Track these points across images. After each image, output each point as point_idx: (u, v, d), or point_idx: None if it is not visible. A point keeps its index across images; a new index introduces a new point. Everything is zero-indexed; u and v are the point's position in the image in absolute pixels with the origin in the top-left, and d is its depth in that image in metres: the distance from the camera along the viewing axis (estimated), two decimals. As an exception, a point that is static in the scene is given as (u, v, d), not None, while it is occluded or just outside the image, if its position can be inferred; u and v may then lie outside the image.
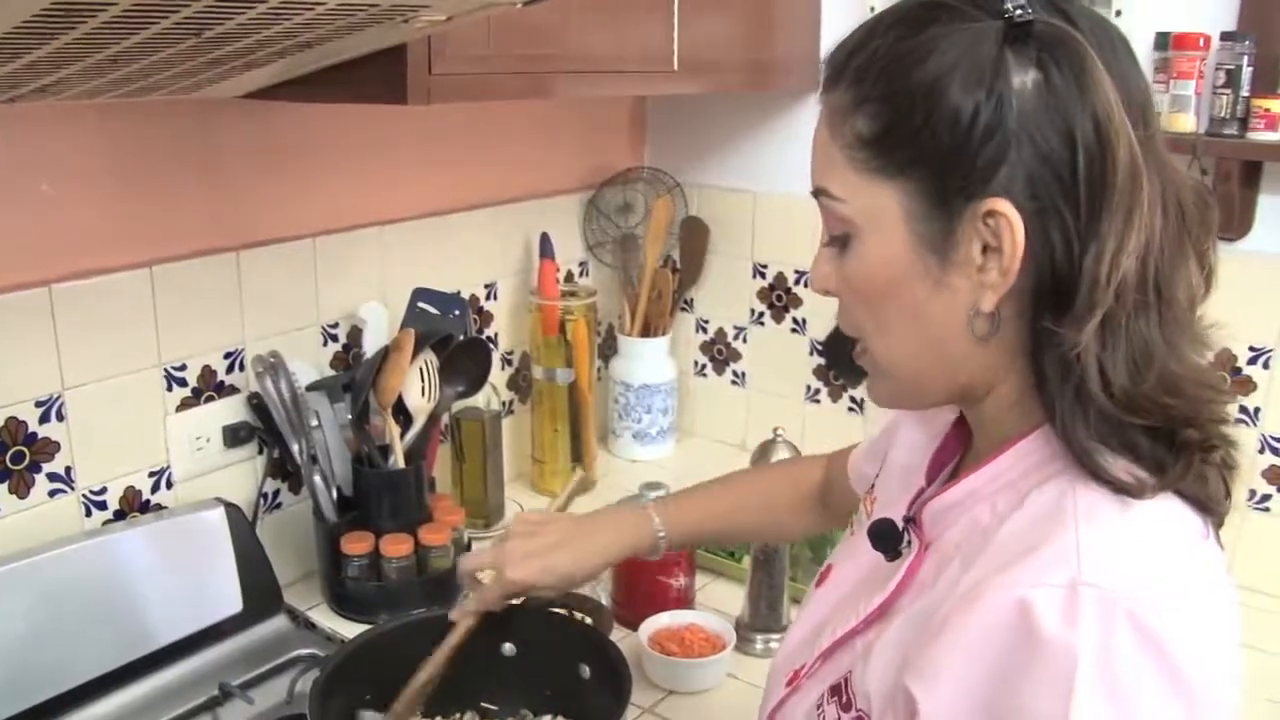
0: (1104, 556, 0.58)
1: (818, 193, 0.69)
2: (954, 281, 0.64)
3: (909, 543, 0.73)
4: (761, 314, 1.89)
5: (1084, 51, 0.59)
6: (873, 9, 1.63)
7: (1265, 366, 1.43)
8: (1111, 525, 0.60)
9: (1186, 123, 1.37)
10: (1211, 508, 0.64)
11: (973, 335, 0.64)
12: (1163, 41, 1.39)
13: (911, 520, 0.73)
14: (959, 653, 0.59)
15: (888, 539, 0.74)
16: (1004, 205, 0.60)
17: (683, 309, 1.96)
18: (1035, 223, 0.60)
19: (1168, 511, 0.62)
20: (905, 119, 0.62)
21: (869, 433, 1.78)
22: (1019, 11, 0.60)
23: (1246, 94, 1.34)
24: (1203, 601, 0.60)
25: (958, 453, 0.77)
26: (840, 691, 0.72)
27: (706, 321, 1.96)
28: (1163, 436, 0.62)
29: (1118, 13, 1.42)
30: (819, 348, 1.83)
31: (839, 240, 0.68)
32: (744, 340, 1.92)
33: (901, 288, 0.65)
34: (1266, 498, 1.46)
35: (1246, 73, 1.34)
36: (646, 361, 1.86)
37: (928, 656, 0.61)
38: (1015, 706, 0.57)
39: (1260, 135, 1.33)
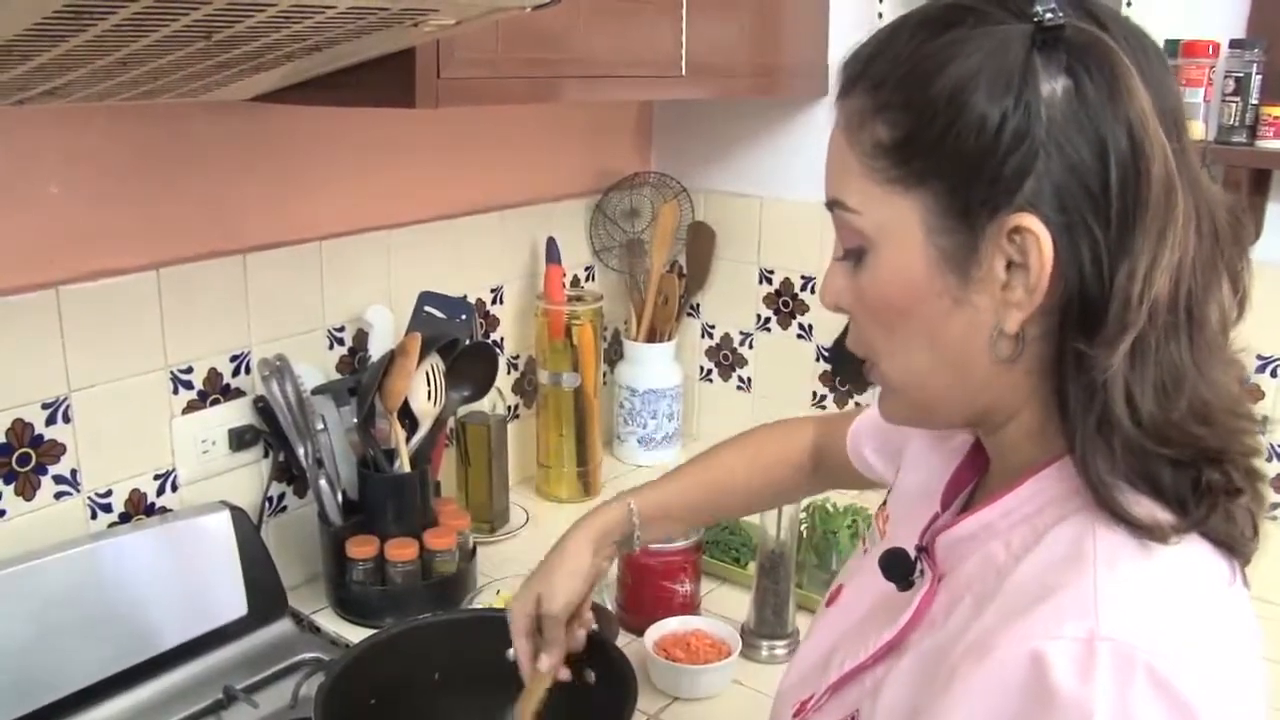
0: (1124, 607, 0.55)
1: (832, 204, 0.65)
2: (975, 300, 0.60)
3: (921, 573, 0.69)
4: (768, 320, 1.88)
5: (1117, 58, 0.56)
6: (880, 15, 1.63)
7: (1274, 375, 1.42)
8: (1132, 573, 0.57)
9: (1195, 131, 1.37)
10: (1238, 548, 0.60)
11: (995, 357, 0.61)
12: (1171, 49, 1.38)
13: (924, 550, 0.70)
14: (970, 705, 0.56)
15: (899, 569, 0.70)
16: (1031, 220, 0.57)
17: (689, 314, 1.96)
18: (1064, 238, 0.57)
19: (1192, 557, 0.59)
20: (927, 126, 0.59)
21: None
22: (1049, 15, 0.57)
23: (1255, 101, 1.34)
24: (1227, 656, 0.57)
25: (974, 478, 0.74)
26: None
27: (712, 327, 1.96)
28: (1188, 472, 0.58)
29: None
30: (825, 354, 1.83)
31: (853, 254, 0.65)
32: (750, 346, 1.92)
33: (919, 306, 0.62)
34: (1275, 506, 1.45)
35: (1256, 80, 1.33)
36: (652, 366, 1.86)
37: (938, 708, 0.58)
38: None
39: (1269, 143, 1.33)
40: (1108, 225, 0.56)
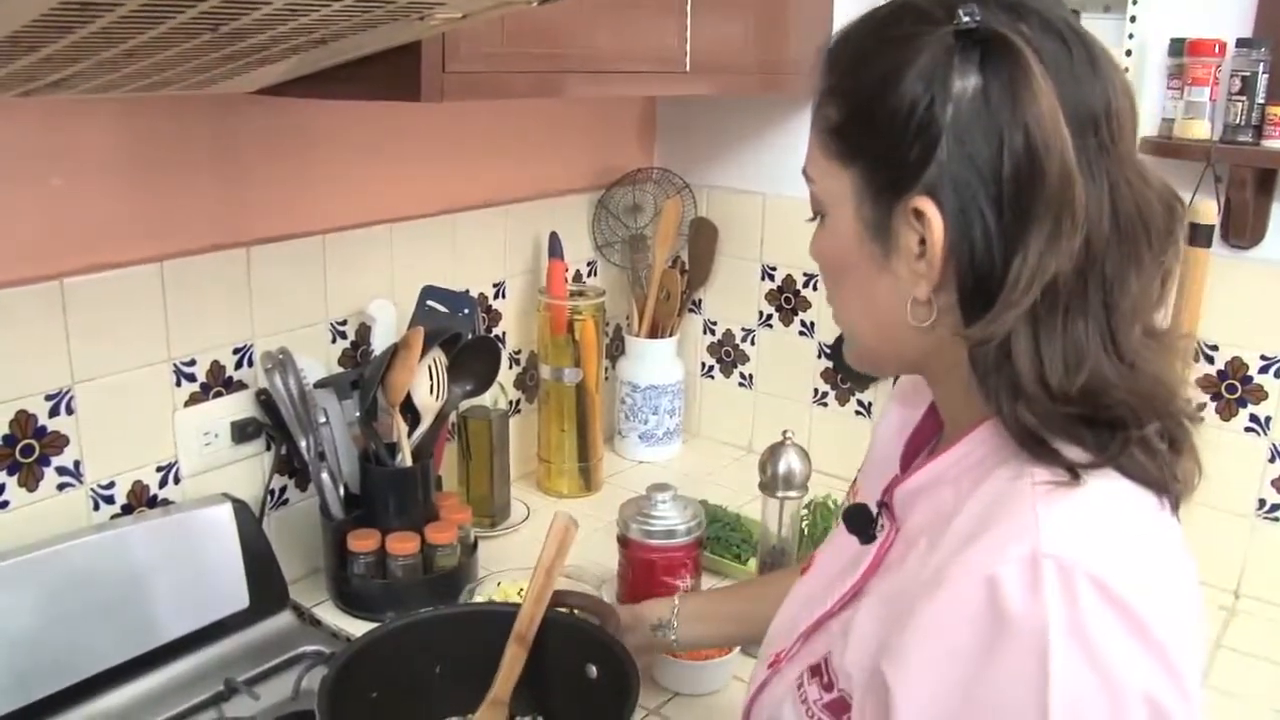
0: (1062, 527, 0.60)
1: (803, 173, 0.74)
2: (895, 268, 0.68)
3: (881, 526, 0.76)
4: (769, 316, 1.88)
5: (1024, 60, 0.62)
6: (885, 12, 1.63)
7: (1277, 375, 1.42)
8: (1067, 499, 0.62)
9: (1201, 129, 1.37)
10: (1163, 487, 0.66)
11: (914, 320, 0.68)
12: (1177, 48, 1.38)
13: (885, 505, 0.76)
14: (928, 638, 0.61)
15: (860, 522, 0.77)
16: (926, 204, 0.64)
17: (691, 310, 1.96)
18: (957, 221, 0.64)
19: (1119, 488, 0.64)
20: (860, 110, 0.67)
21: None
22: (967, 19, 0.63)
23: (1262, 101, 1.34)
24: (1160, 566, 0.63)
25: (930, 440, 0.80)
26: (820, 672, 0.74)
27: (714, 323, 1.96)
28: (1106, 427, 0.64)
29: (1132, 19, 1.42)
30: (827, 351, 1.83)
31: (817, 218, 0.74)
32: (751, 342, 1.92)
33: (852, 267, 0.71)
34: (1276, 507, 1.45)
35: (1262, 80, 1.33)
36: (654, 362, 1.86)
37: (900, 643, 0.63)
38: (991, 682, 0.58)
39: (1275, 143, 1.32)
40: (1000, 212, 0.63)
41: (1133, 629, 0.57)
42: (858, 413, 1.81)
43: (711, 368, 1.98)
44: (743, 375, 1.94)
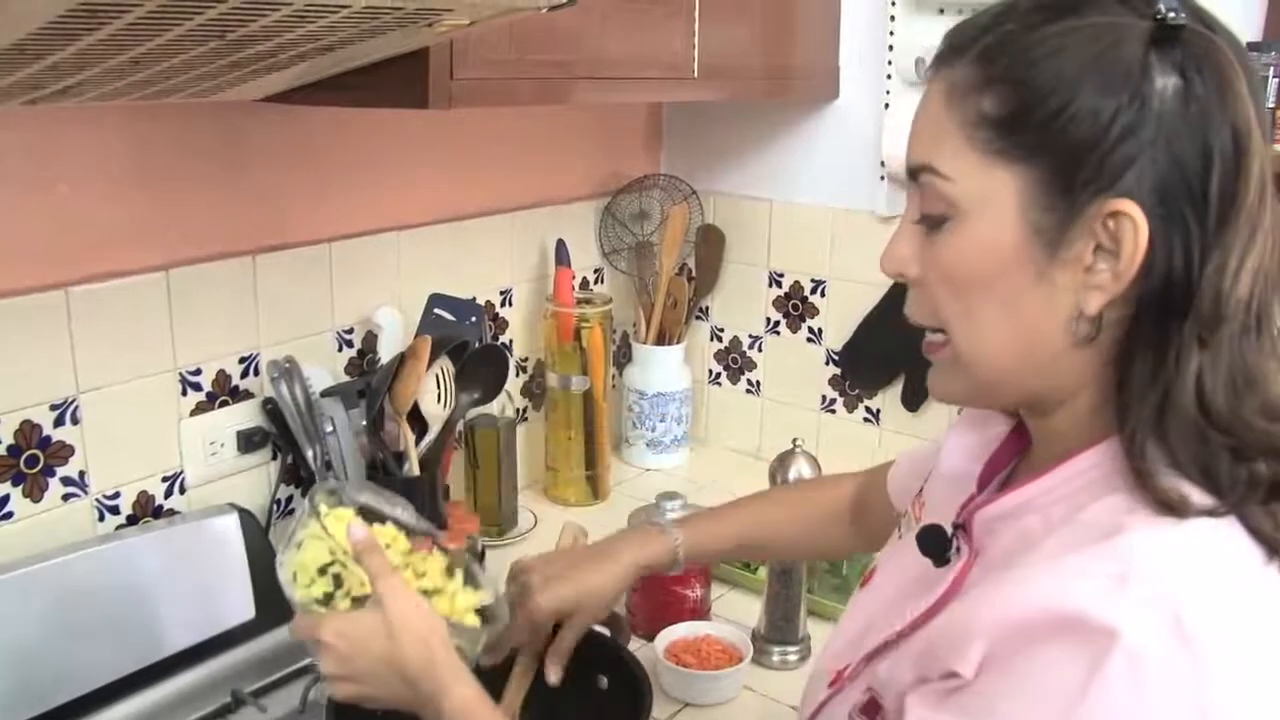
0: (1159, 560, 0.57)
1: (920, 169, 0.66)
2: (1057, 278, 0.62)
3: (957, 549, 0.71)
4: (777, 323, 1.88)
5: (1228, 62, 0.59)
6: (893, 18, 1.63)
7: None
8: (1170, 536, 0.58)
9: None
10: (1276, 545, 0.61)
11: (1072, 338, 0.62)
12: (1188, 52, 1.38)
13: (961, 527, 0.71)
14: (991, 621, 0.58)
15: (936, 544, 0.72)
16: (1130, 207, 0.59)
17: (698, 317, 1.95)
18: (1160, 227, 0.59)
19: (1229, 534, 0.60)
20: (1039, 106, 0.60)
21: (884, 443, 1.79)
22: (1172, 14, 0.59)
23: (1272, 105, 1.33)
24: (1257, 624, 0.58)
25: (1011, 461, 0.75)
26: (872, 710, 0.70)
27: (721, 330, 1.95)
28: (1245, 464, 0.59)
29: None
30: (834, 357, 1.82)
31: (932, 220, 0.66)
32: (759, 349, 1.91)
33: (1001, 277, 0.63)
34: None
35: (1273, 84, 1.32)
36: (661, 369, 1.85)
37: (959, 632, 0.60)
38: (1032, 661, 0.56)
39: (1287, 147, 1.32)
40: (1203, 220, 0.59)
41: (1196, 684, 0.54)
42: (866, 419, 1.80)
43: (719, 375, 1.97)
44: (750, 382, 1.94)
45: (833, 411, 1.84)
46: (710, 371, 1.98)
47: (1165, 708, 0.54)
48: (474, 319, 1.53)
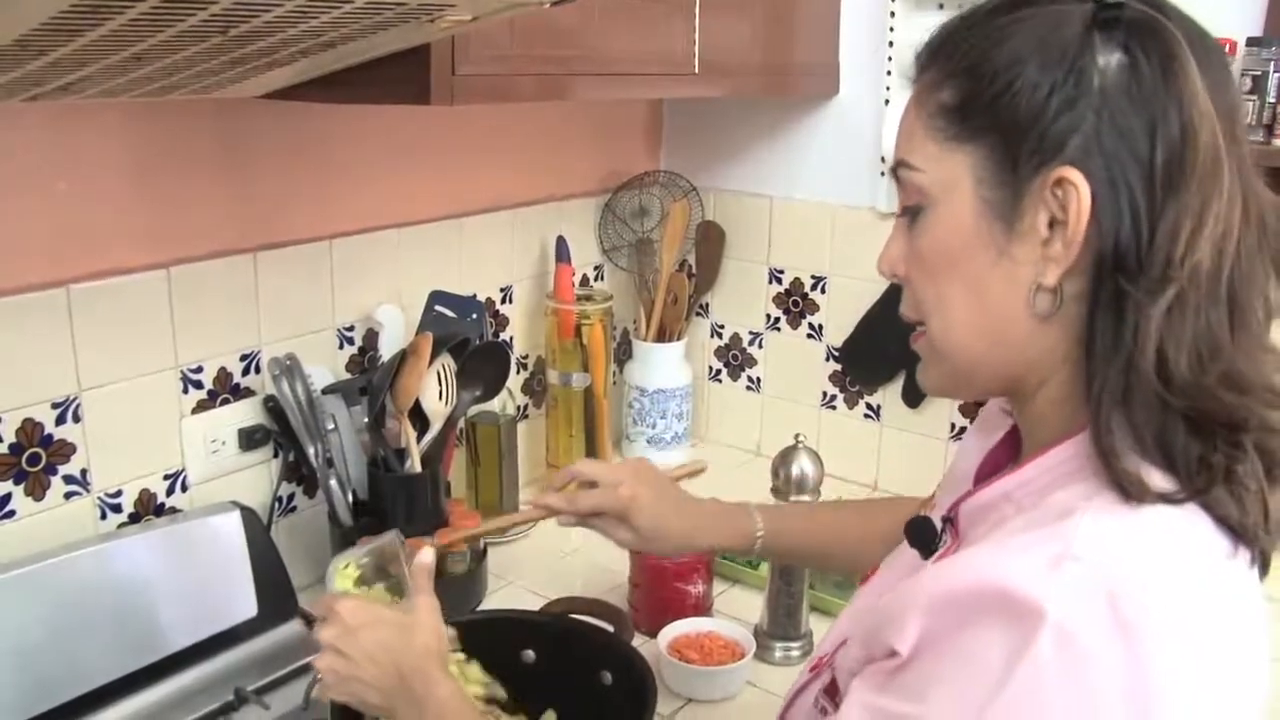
0: (1100, 540, 0.57)
1: (898, 166, 0.69)
2: (1016, 252, 0.64)
3: (944, 541, 0.73)
4: (777, 319, 1.88)
5: (1174, 39, 0.60)
6: (893, 14, 1.63)
7: None
8: (1121, 521, 0.58)
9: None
10: (1245, 534, 0.60)
11: (1033, 312, 0.64)
12: (1188, 46, 1.37)
13: (950, 520, 0.72)
14: (927, 596, 0.59)
15: (923, 536, 0.74)
16: (1072, 173, 0.60)
17: (698, 314, 1.95)
18: (1106, 193, 0.60)
19: (1187, 523, 0.59)
20: (987, 89, 0.63)
21: (884, 440, 1.79)
22: None
23: (1273, 100, 1.33)
24: (1201, 612, 0.57)
25: (1009, 459, 0.76)
26: (836, 679, 0.72)
27: (722, 327, 1.95)
28: (1202, 439, 0.59)
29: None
30: (835, 354, 1.82)
31: (911, 211, 0.69)
32: (760, 346, 1.91)
33: (965, 258, 0.66)
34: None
35: (1273, 79, 1.32)
36: (662, 366, 1.85)
37: (899, 608, 0.61)
38: (962, 639, 0.56)
39: (1287, 141, 1.32)
40: (1151, 187, 0.60)
41: (1130, 667, 0.53)
42: (866, 416, 1.80)
43: (719, 371, 1.97)
44: (751, 379, 1.94)
45: (833, 408, 1.84)
46: (711, 368, 1.98)
47: (1099, 694, 0.53)
48: (475, 316, 1.53)
